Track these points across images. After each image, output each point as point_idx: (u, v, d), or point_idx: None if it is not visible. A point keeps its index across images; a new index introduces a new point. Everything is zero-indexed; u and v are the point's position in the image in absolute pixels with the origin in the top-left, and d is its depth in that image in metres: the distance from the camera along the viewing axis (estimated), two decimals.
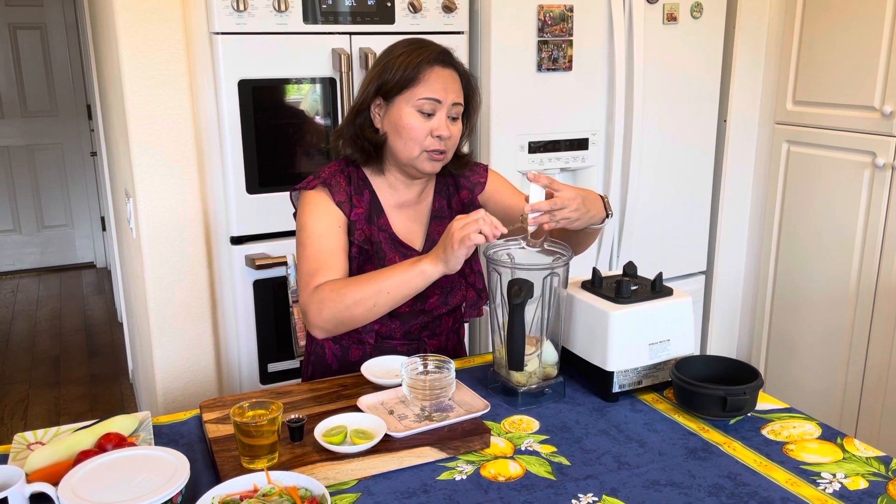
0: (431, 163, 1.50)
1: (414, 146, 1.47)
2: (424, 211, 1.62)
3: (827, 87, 2.56)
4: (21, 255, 5.59)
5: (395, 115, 1.48)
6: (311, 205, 1.52)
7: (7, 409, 3.53)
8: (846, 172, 2.51)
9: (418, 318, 1.59)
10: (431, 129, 1.47)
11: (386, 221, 1.56)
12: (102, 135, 3.60)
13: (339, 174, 1.54)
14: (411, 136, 1.47)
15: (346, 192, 1.52)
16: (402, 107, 1.47)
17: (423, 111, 1.46)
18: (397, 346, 1.60)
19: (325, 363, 1.63)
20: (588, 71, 2.44)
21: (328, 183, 1.52)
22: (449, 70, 1.48)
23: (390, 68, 1.47)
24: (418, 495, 1.15)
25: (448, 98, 1.47)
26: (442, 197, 1.63)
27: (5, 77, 5.23)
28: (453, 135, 1.49)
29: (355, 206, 1.53)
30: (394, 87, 1.46)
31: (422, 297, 1.55)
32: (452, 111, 1.48)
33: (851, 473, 1.21)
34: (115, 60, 2.12)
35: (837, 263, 2.58)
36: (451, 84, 1.48)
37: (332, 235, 1.50)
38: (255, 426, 1.15)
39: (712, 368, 1.44)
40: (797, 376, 2.78)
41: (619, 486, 1.18)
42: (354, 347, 1.60)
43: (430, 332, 1.63)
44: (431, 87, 1.45)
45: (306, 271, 1.48)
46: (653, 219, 2.69)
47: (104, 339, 4.38)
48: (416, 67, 1.45)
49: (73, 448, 1.20)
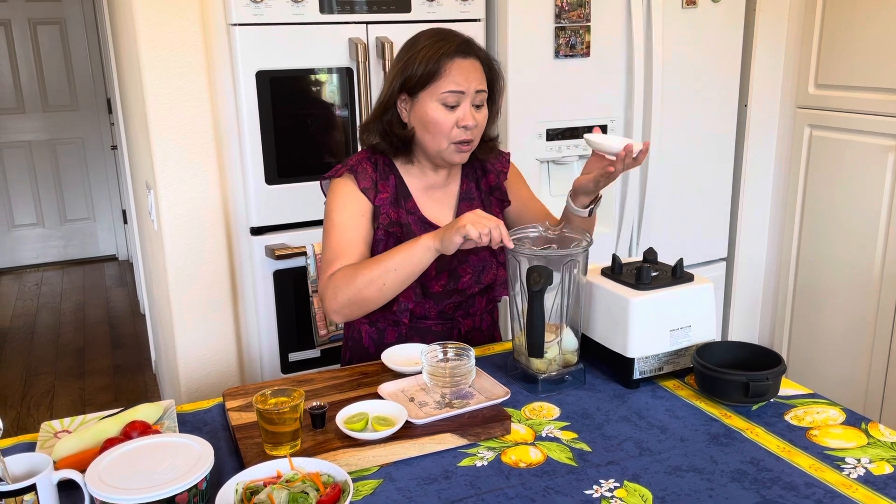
0: (460, 154, 1.54)
1: (442, 139, 1.50)
2: (453, 193, 1.64)
3: (850, 70, 2.52)
4: (44, 249, 5.67)
5: (420, 110, 1.50)
6: (337, 193, 1.56)
7: (34, 399, 3.59)
8: (869, 157, 2.48)
9: (451, 298, 1.61)
10: (457, 119, 1.49)
11: (414, 205, 1.59)
12: (123, 128, 3.63)
13: (365, 161, 1.58)
14: (438, 129, 1.49)
15: (371, 179, 1.56)
16: (427, 101, 1.49)
17: (448, 104, 1.48)
18: (432, 325, 1.62)
19: (362, 347, 1.66)
20: (606, 57, 2.42)
21: (354, 170, 1.56)
22: (470, 59, 1.49)
23: (412, 64, 1.48)
24: (440, 481, 1.16)
25: (471, 87, 1.48)
26: (470, 180, 1.66)
27: (26, 72, 5.29)
28: (479, 123, 1.52)
29: (380, 192, 1.56)
30: (417, 83, 1.48)
31: (454, 277, 1.58)
32: (477, 99, 1.50)
33: (876, 458, 1.19)
34: (134, 54, 2.13)
35: (861, 248, 2.54)
36: (472, 73, 1.49)
37: (353, 226, 1.53)
38: (277, 413, 1.16)
39: (734, 354, 1.43)
40: (820, 363, 2.76)
41: (640, 471, 1.17)
42: (390, 329, 1.62)
43: (465, 311, 1.65)
44: (454, 80, 1.47)
45: (326, 260, 1.54)
46: (673, 205, 2.67)
47: (127, 330, 4.43)
48: (437, 62, 1.47)
49: (99, 436, 1.22)
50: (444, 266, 1.56)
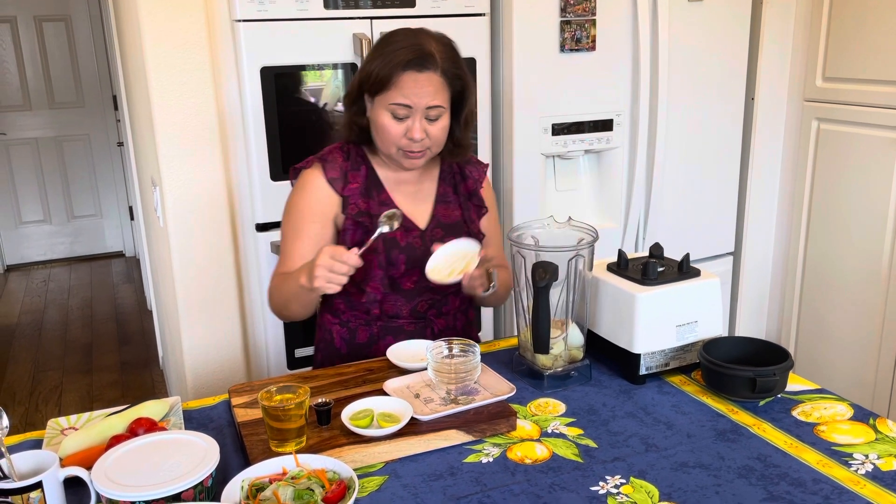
0: (408, 160, 1.51)
1: (390, 146, 1.49)
2: (429, 191, 1.63)
3: (857, 63, 2.50)
4: (52, 246, 5.69)
5: (374, 112, 1.49)
6: (302, 187, 1.57)
7: (41, 396, 3.61)
8: (878, 150, 2.46)
9: (423, 296, 1.59)
10: (406, 130, 1.46)
11: (388, 196, 1.57)
12: (129, 125, 3.63)
13: (336, 151, 1.58)
14: (386, 136, 1.48)
15: (340, 169, 1.55)
16: (378, 107, 1.47)
17: (397, 115, 1.45)
18: (404, 325, 1.60)
19: (334, 348, 1.64)
20: (612, 51, 2.41)
21: (324, 159, 1.56)
22: (426, 74, 1.43)
23: (370, 65, 1.46)
24: (445, 478, 1.15)
25: (421, 103, 1.44)
26: (447, 183, 1.64)
27: (32, 69, 5.30)
28: (432, 135, 1.48)
29: (350, 182, 1.55)
30: (371, 86, 1.46)
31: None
32: (430, 114, 1.46)
33: (884, 454, 1.19)
34: (139, 50, 2.13)
35: (869, 243, 2.53)
36: (426, 88, 1.43)
37: (307, 233, 1.54)
38: (282, 410, 1.16)
39: (741, 350, 1.42)
40: (828, 358, 2.74)
41: (646, 468, 1.17)
42: (361, 329, 1.61)
43: (437, 310, 1.62)
44: (402, 93, 1.43)
45: (280, 257, 1.58)
46: (679, 200, 2.65)
47: (134, 326, 4.44)
48: (389, 72, 1.43)
49: (105, 433, 1.22)
50: (415, 263, 1.54)
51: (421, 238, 1.56)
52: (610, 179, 2.56)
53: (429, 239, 1.56)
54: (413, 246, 1.55)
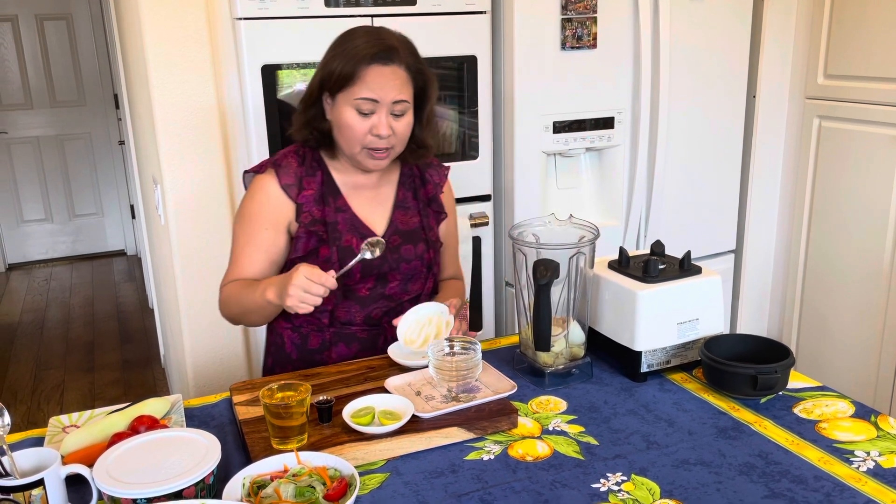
0: (374, 161, 1.48)
1: (354, 144, 1.46)
2: (388, 196, 1.60)
3: (859, 60, 2.49)
4: (53, 244, 5.69)
5: (336, 111, 1.46)
6: (255, 193, 1.52)
7: (43, 394, 3.61)
8: (879, 147, 2.46)
9: (378, 303, 1.56)
10: (371, 127, 1.43)
11: (345, 202, 1.54)
12: (130, 123, 3.63)
13: (291, 155, 1.54)
14: (351, 135, 1.45)
15: (295, 175, 1.51)
16: (342, 105, 1.44)
17: (362, 110, 1.42)
18: (357, 332, 1.57)
19: (284, 353, 1.60)
20: (613, 48, 2.41)
21: (278, 164, 1.51)
22: (391, 67, 1.42)
23: (332, 63, 1.43)
24: (446, 475, 1.15)
25: (387, 97, 1.42)
26: (407, 188, 1.61)
27: (33, 68, 5.30)
28: (398, 132, 1.46)
29: (304, 189, 1.51)
30: (334, 84, 1.43)
31: (382, 281, 1.55)
32: (395, 108, 1.44)
33: (886, 451, 1.19)
34: (140, 48, 2.13)
35: (871, 240, 2.53)
36: (391, 82, 1.42)
37: (259, 240, 1.51)
38: (284, 408, 1.16)
39: (742, 347, 1.42)
40: (830, 355, 2.74)
41: (648, 465, 1.17)
42: (314, 335, 1.57)
43: (391, 318, 1.56)
44: (368, 87, 1.41)
45: (229, 263, 1.55)
46: (681, 197, 2.65)
47: (136, 325, 4.45)
48: (354, 66, 1.40)
49: (106, 430, 1.22)
50: (371, 270, 1.52)
51: None
52: (611, 177, 2.55)
53: (386, 247, 1.53)
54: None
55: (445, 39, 2.24)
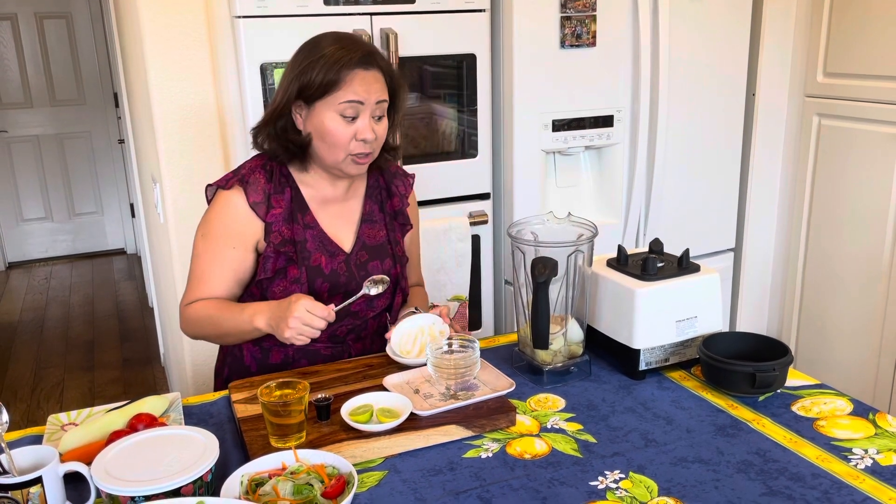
0: (357, 166, 1.47)
1: (339, 151, 1.43)
2: (354, 210, 1.57)
3: (858, 58, 2.49)
4: (53, 243, 5.69)
5: (317, 119, 1.43)
6: (220, 209, 1.48)
7: (43, 393, 3.61)
8: (879, 145, 2.45)
9: (344, 321, 1.52)
10: (356, 132, 1.42)
11: (313, 218, 1.51)
12: (129, 122, 3.63)
13: (259, 170, 1.49)
14: (335, 141, 1.42)
15: (263, 192, 1.47)
16: (324, 112, 1.41)
17: (346, 115, 1.41)
18: (321, 348, 1.55)
19: (243, 366, 1.56)
20: (612, 46, 2.41)
21: (246, 180, 1.47)
22: (372, 71, 1.42)
23: (310, 71, 1.40)
24: (445, 473, 1.16)
25: (371, 98, 1.41)
26: (373, 201, 1.60)
27: (33, 66, 5.30)
28: (379, 135, 1.45)
29: (273, 207, 1.47)
30: (315, 91, 1.41)
31: (348, 298, 1.50)
32: (377, 110, 1.44)
33: (884, 449, 1.19)
34: (139, 46, 2.13)
35: (870, 238, 2.53)
36: (373, 84, 1.42)
37: (224, 258, 1.48)
38: (282, 406, 1.16)
39: (741, 345, 1.42)
40: (828, 353, 2.74)
41: (646, 463, 1.17)
42: (276, 350, 1.54)
43: (356, 335, 1.57)
44: (353, 90, 1.40)
45: (190, 281, 1.52)
46: (680, 195, 2.65)
47: (136, 323, 4.45)
48: (338, 72, 1.39)
49: (105, 428, 1.22)
50: (339, 288, 1.51)
51: (346, 263, 1.52)
52: (610, 175, 2.55)
53: (353, 263, 1.53)
54: (337, 272, 1.51)
55: (444, 37, 2.24)
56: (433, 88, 2.34)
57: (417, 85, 2.30)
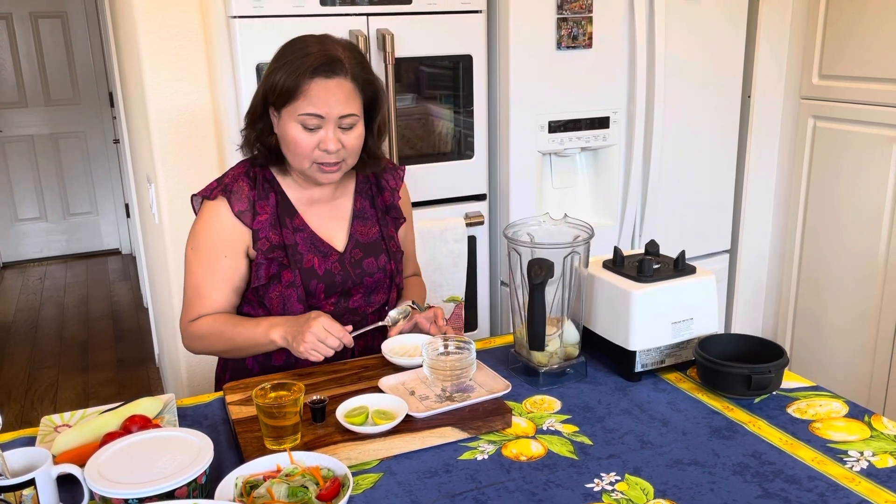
0: (325, 174, 1.43)
1: (303, 160, 1.41)
2: (344, 208, 1.56)
3: (854, 61, 2.50)
4: (48, 243, 5.68)
5: (282, 126, 1.41)
6: (207, 220, 1.47)
7: (37, 393, 3.60)
8: (874, 147, 2.46)
9: (343, 318, 1.52)
10: (319, 141, 1.39)
11: (302, 221, 1.50)
12: (124, 122, 3.62)
13: (242, 178, 1.47)
14: (298, 150, 1.40)
15: (247, 199, 1.46)
16: (287, 120, 1.39)
17: (308, 126, 1.37)
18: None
19: (245, 368, 1.55)
20: (609, 48, 2.41)
21: (229, 190, 1.46)
22: (336, 80, 1.36)
23: (274, 77, 1.37)
24: (440, 475, 1.15)
25: (332, 112, 1.37)
26: (364, 197, 1.58)
27: (28, 66, 5.28)
28: (348, 145, 1.41)
29: (258, 214, 1.46)
30: (276, 99, 1.38)
31: (345, 296, 1.53)
32: (343, 122, 1.39)
33: (879, 451, 1.19)
34: (135, 46, 2.13)
35: (865, 240, 2.53)
36: (336, 95, 1.36)
37: (218, 267, 1.46)
38: (277, 407, 1.16)
39: (736, 347, 1.42)
40: (824, 355, 2.75)
41: (642, 465, 1.17)
42: (278, 351, 1.51)
43: (354, 331, 1.54)
44: (312, 102, 1.35)
45: (188, 297, 1.50)
46: (676, 197, 2.65)
47: (130, 324, 4.44)
48: (296, 80, 1.35)
49: (98, 430, 1.21)
50: (335, 288, 1.51)
51: (340, 263, 1.52)
52: (606, 177, 2.55)
53: (347, 262, 1.52)
54: (331, 272, 1.50)
55: (441, 38, 2.24)
56: (429, 89, 2.34)
57: (414, 86, 2.29)
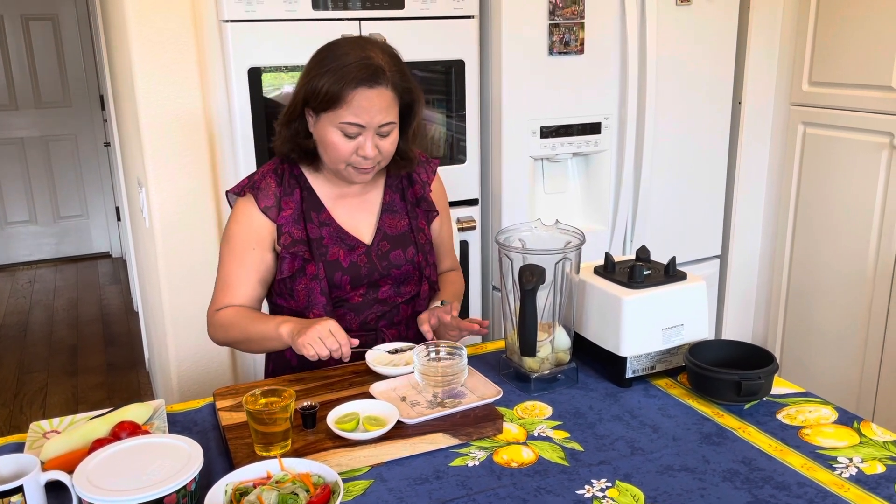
0: (360, 175, 1.48)
1: (340, 162, 1.45)
2: (373, 202, 1.59)
3: (843, 68, 2.52)
4: (38, 246, 5.64)
5: (321, 129, 1.44)
6: (237, 215, 1.53)
7: (26, 397, 3.57)
8: (863, 154, 2.48)
9: (373, 308, 1.56)
10: (357, 147, 1.42)
11: (328, 215, 1.53)
12: (115, 125, 3.61)
13: (270, 175, 1.52)
14: (336, 154, 1.44)
15: (274, 196, 1.50)
16: (327, 125, 1.42)
17: (347, 133, 1.41)
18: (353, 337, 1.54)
19: (284, 359, 1.59)
20: (600, 54, 2.42)
21: (256, 187, 1.51)
22: (377, 90, 1.39)
23: (316, 81, 1.40)
24: (431, 481, 1.15)
25: (373, 121, 1.40)
26: (394, 191, 1.61)
27: (18, 68, 5.26)
28: (384, 150, 1.45)
29: (283, 209, 1.50)
30: (318, 104, 1.41)
31: (374, 287, 1.54)
32: (382, 130, 1.43)
33: (868, 458, 1.19)
34: (126, 50, 2.12)
35: (854, 246, 2.55)
36: (378, 105, 1.40)
37: (246, 260, 1.51)
38: (267, 414, 1.16)
39: (727, 353, 1.43)
40: (814, 361, 2.76)
41: (632, 471, 1.17)
42: None
43: (388, 321, 1.58)
44: (354, 112, 1.39)
45: (217, 287, 1.55)
46: (666, 203, 2.66)
47: (120, 328, 4.41)
48: (340, 89, 1.38)
49: (87, 436, 1.21)
50: (361, 280, 1.53)
51: (366, 255, 1.54)
52: (598, 182, 2.56)
53: (374, 255, 1.54)
54: (357, 265, 1.52)
55: (433, 43, 2.24)
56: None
57: None
